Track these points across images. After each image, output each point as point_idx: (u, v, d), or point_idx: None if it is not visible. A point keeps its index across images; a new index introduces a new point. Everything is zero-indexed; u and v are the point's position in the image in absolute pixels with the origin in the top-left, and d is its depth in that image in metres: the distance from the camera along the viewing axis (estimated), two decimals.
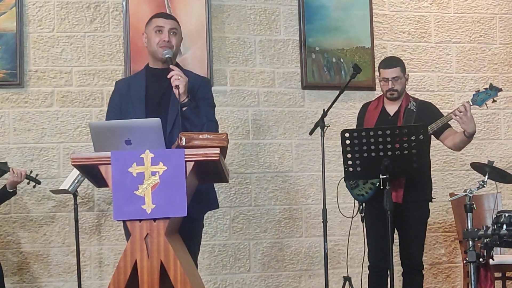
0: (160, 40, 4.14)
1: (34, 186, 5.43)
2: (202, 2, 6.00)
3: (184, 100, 3.95)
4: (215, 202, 4.29)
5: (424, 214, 5.13)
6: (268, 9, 6.26)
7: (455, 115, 4.92)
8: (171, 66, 4.02)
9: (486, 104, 5.09)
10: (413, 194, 5.00)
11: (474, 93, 5.12)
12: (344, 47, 6.31)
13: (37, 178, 5.38)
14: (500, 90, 5.12)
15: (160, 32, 4.16)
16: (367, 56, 6.34)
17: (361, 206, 5.12)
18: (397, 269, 5.33)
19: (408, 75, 5.25)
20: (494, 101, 5.10)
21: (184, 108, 3.95)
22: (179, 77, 3.94)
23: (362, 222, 5.13)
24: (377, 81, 6.30)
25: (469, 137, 5.03)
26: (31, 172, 5.38)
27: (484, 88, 5.13)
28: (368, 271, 5.16)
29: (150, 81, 4.20)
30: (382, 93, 5.27)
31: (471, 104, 5.03)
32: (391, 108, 5.18)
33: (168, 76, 3.96)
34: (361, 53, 6.34)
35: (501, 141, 6.65)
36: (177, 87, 3.90)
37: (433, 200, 5.19)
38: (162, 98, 4.12)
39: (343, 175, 4.91)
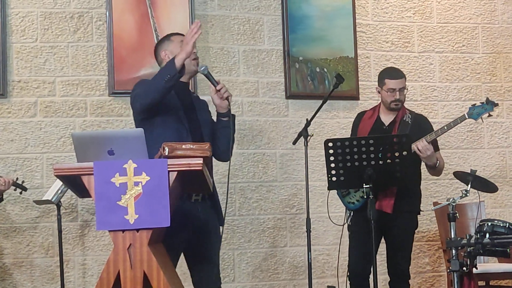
0: None
1: (20, 193, 5.43)
2: (185, 12, 6.00)
3: (226, 111, 4.31)
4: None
5: (411, 224, 5.11)
6: (251, 19, 6.27)
7: (417, 150, 4.93)
8: (217, 80, 4.29)
9: (481, 118, 5.06)
10: (403, 205, 4.99)
11: (470, 106, 5.11)
12: (327, 56, 6.32)
13: (23, 184, 5.38)
14: (497, 105, 5.10)
15: None
16: (350, 65, 6.36)
17: (349, 215, 5.10)
18: (382, 278, 5.34)
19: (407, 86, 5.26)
20: (489, 115, 5.09)
21: (225, 119, 4.30)
22: (227, 89, 4.26)
23: (348, 231, 5.12)
24: (361, 90, 6.36)
25: (430, 168, 5.08)
26: (17, 178, 5.37)
27: (480, 102, 5.11)
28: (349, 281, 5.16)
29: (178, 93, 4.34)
30: (378, 103, 5.26)
31: (467, 117, 5.04)
32: (387, 118, 5.16)
33: (218, 88, 4.23)
34: (345, 62, 6.35)
35: (484, 150, 6.68)
36: (228, 98, 4.23)
37: (420, 212, 5.19)
38: (187, 109, 4.31)
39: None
